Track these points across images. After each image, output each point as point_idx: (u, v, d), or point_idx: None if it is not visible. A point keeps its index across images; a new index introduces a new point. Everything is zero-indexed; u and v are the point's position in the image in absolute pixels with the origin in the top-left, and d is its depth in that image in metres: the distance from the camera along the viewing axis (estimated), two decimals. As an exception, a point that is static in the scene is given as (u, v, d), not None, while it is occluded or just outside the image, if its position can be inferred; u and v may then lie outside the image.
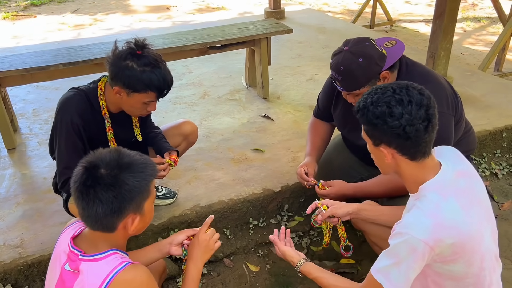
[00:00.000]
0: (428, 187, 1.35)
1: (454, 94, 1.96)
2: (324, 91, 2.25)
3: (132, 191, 1.20)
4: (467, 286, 1.39)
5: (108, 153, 1.24)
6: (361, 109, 1.36)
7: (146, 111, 1.91)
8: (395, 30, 6.99)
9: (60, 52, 3.04)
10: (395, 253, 1.31)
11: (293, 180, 2.55)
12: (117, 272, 1.19)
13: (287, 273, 2.26)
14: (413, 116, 1.29)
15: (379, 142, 1.36)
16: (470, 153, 2.28)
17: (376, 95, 1.34)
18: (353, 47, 1.79)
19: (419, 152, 1.34)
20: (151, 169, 1.27)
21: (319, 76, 4.03)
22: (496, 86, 3.77)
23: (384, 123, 1.31)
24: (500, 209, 2.70)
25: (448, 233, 1.28)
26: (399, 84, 1.36)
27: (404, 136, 1.30)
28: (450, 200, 1.32)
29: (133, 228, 1.26)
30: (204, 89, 3.86)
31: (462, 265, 1.34)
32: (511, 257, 2.32)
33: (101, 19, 6.99)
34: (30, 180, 2.66)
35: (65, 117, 1.86)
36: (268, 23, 3.65)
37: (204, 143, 2.97)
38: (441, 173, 1.37)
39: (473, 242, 1.33)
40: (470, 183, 1.42)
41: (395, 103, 1.30)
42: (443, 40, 3.32)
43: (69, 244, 1.28)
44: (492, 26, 7.19)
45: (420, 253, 1.28)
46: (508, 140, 3.15)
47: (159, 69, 1.80)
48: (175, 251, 1.61)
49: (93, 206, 1.18)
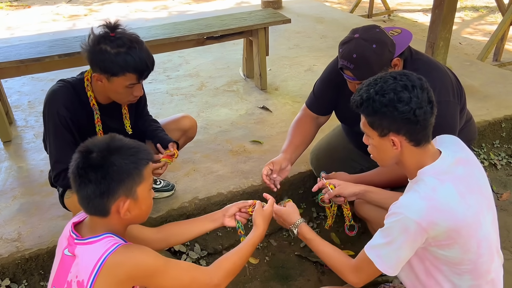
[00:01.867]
0: (427, 171, 1.37)
1: (458, 83, 1.95)
2: (323, 81, 2.20)
3: (120, 172, 1.21)
4: (463, 272, 1.40)
5: (101, 138, 1.28)
6: (365, 100, 1.34)
7: (133, 96, 1.84)
8: (393, 19, 6.95)
9: (55, 43, 3.00)
10: (389, 232, 1.34)
11: (292, 172, 2.53)
12: (109, 254, 1.19)
13: (286, 265, 2.26)
14: (421, 99, 1.31)
15: (387, 132, 1.35)
16: (471, 143, 2.27)
17: (378, 85, 1.34)
18: (364, 34, 1.75)
19: (425, 136, 1.36)
20: (143, 154, 1.27)
21: (317, 67, 4.00)
22: (495, 76, 3.76)
23: (394, 109, 1.30)
24: (499, 200, 2.70)
25: (442, 216, 1.29)
26: (396, 72, 1.37)
27: (414, 120, 1.31)
28: (447, 185, 1.33)
29: (125, 211, 1.25)
30: (201, 80, 3.82)
31: (458, 251, 1.35)
32: (510, 248, 2.32)
33: (96, 9, 6.91)
34: (26, 173, 2.63)
35: (52, 109, 1.82)
36: (265, 13, 3.61)
37: (202, 135, 2.94)
38: (440, 159, 1.38)
39: (470, 228, 1.33)
40: (470, 171, 1.43)
41: (401, 89, 1.31)
42: (442, 30, 3.30)
43: (69, 229, 1.30)
44: (490, 16, 7.16)
45: (412, 233, 1.30)
46: (507, 131, 3.15)
47: (134, 49, 1.72)
48: (228, 222, 1.67)
49: (84, 187, 1.21)
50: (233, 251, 1.48)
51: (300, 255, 2.31)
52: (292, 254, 2.32)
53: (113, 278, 1.20)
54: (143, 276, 1.24)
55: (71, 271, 1.23)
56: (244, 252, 1.49)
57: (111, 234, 1.26)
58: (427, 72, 1.84)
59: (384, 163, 1.48)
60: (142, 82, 1.83)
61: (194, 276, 1.33)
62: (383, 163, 1.48)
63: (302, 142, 2.15)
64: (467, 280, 1.41)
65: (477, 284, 1.42)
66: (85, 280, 1.18)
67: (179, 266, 1.35)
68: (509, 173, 2.96)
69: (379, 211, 1.78)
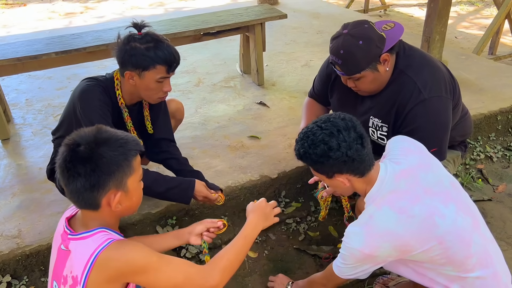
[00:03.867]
0: (368, 199, 1.50)
1: (451, 78, 1.96)
2: (319, 76, 2.24)
3: (109, 164, 1.20)
4: (444, 265, 1.46)
5: (87, 131, 1.25)
6: (303, 156, 1.48)
7: (163, 92, 1.94)
8: (389, 14, 6.96)
9: (52, 40, 3.00)
10: (342, 256, 1.51)
11: (290, 166, 2.55)
12: (102, 250, 1.18)
13: (285, 259, 2.28)
14: (348, 141, 1.42)
15: (332, 174, 1.49)
16: (467, 137, 2.29)
17: (309, 138, 1.46)
18: (352, 29, 1.77)
19: (367, 166, 1.47)
20: (132, 145, 1.26)
21: (314, 62, 4.01)
22: (490, 70, 3.78)
23: (328, 158, 1.43)
24: (495, 192, 2.72)
25: (382, 239, 1.41)
26: (321, 120, 1.49)
27: (349, 160, 1.43)
28: (384, 209, 1.44)
29: (116, 203, 1.25)
30: (198, 77, 3.83)
31: (425, 256, 1.44)
32: (506, 239, 2.35)
33: (92, 6, 6.89)
34: (25, 170, 2.64)
35: (93, 103, 1.89)
36: (262, 8, 3.61)
37: (200, 131, 2.96)
38: (377, 183, 1.49)
39: (422, 235, 1.41)
40: (414, 179, 1.49)
41: (328, 138, 1.42)
42: (438, 24, 3.31)
43: (63, 225, 1.30)
44: (486, 10, 7.18)
45: (360, 259, 1.45)
46: (502, 123, 3.17)
47: (162, 43, 1.86)
48: (194, 241, 1.65)
49: (73, 181, 1.20)
50: (227, 248, 1.43)
51: (299, 248, 2.33)
52: (291, 248, 2.34)
53: (105, 274, 1.19)
54: (135, 273, 1.22)
55: (66, 266, 1.23)
56: (239, 247, 1.44)
57: (104, 228, 1.26)
58: (420, 68, 1.86)
59: (346, 193, 1.69)
60: (170, 76, 1.92)
61: (188, 275, 1.29)
62: (345, 193, 1.71)
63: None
64: (449, 270, 1.47)
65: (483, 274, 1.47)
66: (79, 275, 1.19)
67: (173, 263, 1.29)
68: (504, 165, 2.99)
69: None
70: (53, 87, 3.70)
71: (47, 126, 3.08)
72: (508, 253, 2.25)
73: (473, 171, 2.87)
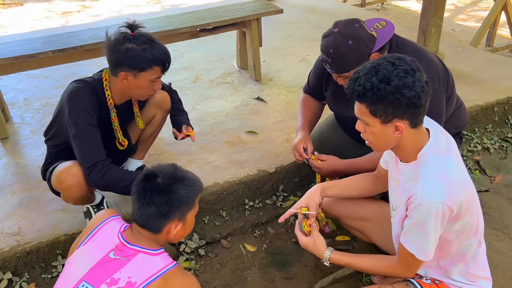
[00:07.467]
0: (427, 152, 1.41)
1: (445, 71, 1.97)
2: (314, 71, 2.25)
3: (180, 200, 1.41)
4: (468, 235, 1.48)
5: (166, 166, 1.47)
6: (369, 90, 1.31)
7: (154, 90, 1.97)
8: (386, 8, 6.95)
9: (49, 39, 3.00)
10: (421, 223, 1.36)
11: (288, 160, 2.57)
12: (170, 269, 1.37)
13: (283, 252, 2.30)
14: (422, 82, 1.32)
15: (391, 118, 1.34)
16: (462, 129, 2.30)
17: (380, 72, 1.32)
18: (342, 29, 1.78)
19: (422, 117, 1.39)
20: (198, 185, 1.48)
21: (311, 57, 4.01)
22: (487, 61, 3.78)
23: (401, 96, 1.29)
24: (492, 183, 2.73)
25: (460, 190, 1.36)
26: (393, 57, 1.36)
27: (418, 104, 1.32)
28: (450, 159, 1.40)
29: (175, 233, 1.44)
30: (195, 73, 3.84)
31: (464, 221, 1.43)
32: (503, 229, 2.36)
33: (89, 5, 6.88)
34: (24, 169, 2.66)
35: (80, 105, 1.89)
36: (258, 3, 3.61)
37: (197, 127, 2.97)
38: (432, 137, 1.43)
39: (475, 193, 1.44)
40: (450, 139, 1.51)
41: (404, 74, 1.30)
42: (434, 16, 3.31)
43: (119, 236, 1.44)
44: (483, 2, 7.17)
45: (441, 215, 1.34)
46: (499, 115, 3.18)
47: (157, 44, 1.87)
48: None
49: (147, 207, 1.39)
50: None
51: (297, 241, 2.34)
52: (289, 241, 2.35)
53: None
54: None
55: (121, 271, 1.34)
56: None
57: (163, 249, 1.45)
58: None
59: (382, 148, 1.49)
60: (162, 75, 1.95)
61: None
62: (381, 148, 1.49)
63: (314, 115, 2.31)
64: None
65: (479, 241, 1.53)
66: (138, 282, 1.32)
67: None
68: (501, 156, 3.00)
69: (346, 206, 1.92)
70: (50, 86, 3.71)
71: (45, 124, 3.04)
72: (505, 243, 2.27)
73: (470, 162, 2.88)
